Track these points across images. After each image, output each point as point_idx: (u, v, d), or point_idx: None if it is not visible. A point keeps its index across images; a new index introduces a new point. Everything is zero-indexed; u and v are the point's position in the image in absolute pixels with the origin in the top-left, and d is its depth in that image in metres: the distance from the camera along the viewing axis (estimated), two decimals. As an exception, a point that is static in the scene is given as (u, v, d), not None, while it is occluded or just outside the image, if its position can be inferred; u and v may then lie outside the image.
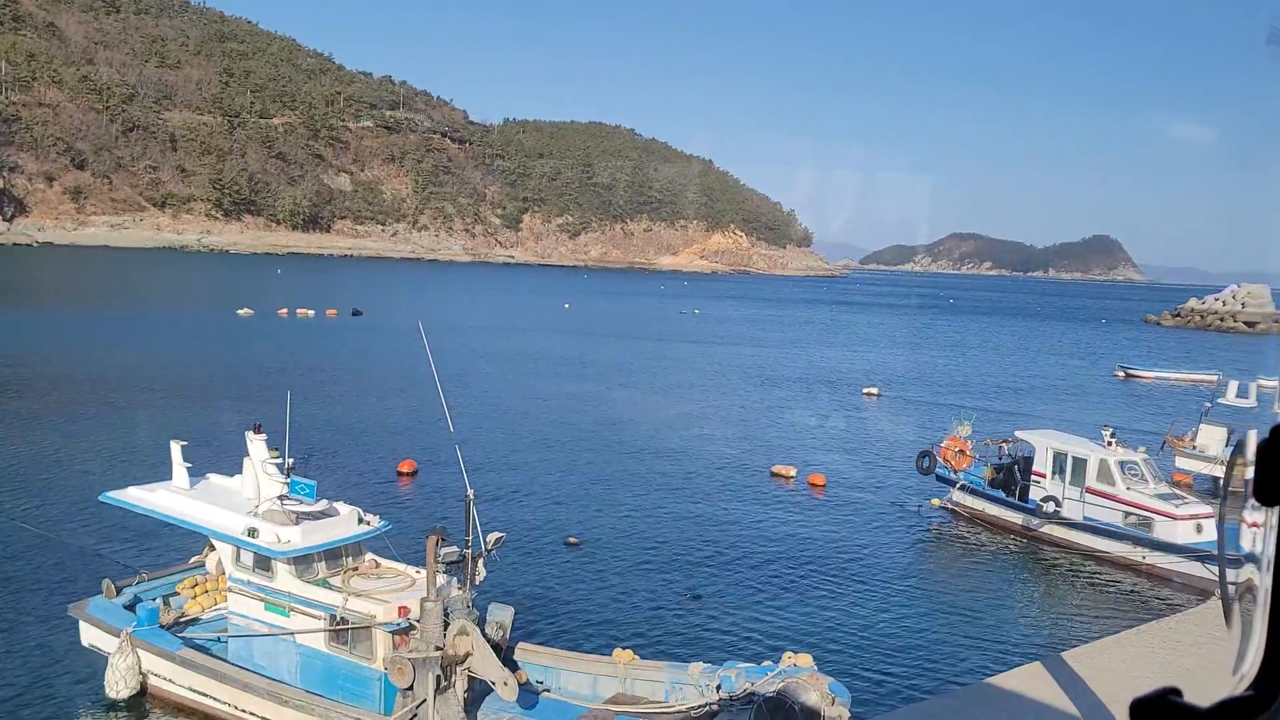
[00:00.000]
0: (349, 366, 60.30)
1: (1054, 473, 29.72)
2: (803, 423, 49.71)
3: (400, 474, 33.29)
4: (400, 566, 16.55)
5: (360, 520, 16.75)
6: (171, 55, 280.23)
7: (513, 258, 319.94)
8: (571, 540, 26.99)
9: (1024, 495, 30.63)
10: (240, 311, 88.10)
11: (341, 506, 16.88)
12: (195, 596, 18.34)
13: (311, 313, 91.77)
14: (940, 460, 33.18)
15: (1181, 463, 38.34)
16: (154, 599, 17.75)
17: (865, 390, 62.61)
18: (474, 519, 15.19)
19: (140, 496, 17.51)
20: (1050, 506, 29.21)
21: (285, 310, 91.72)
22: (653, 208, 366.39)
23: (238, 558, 16.23)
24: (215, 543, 17.22)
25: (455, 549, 14.84)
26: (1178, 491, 29.42)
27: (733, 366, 73.56)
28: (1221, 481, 35.59)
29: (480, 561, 15.50)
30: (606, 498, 32.35)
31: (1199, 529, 26.78)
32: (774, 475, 36.70)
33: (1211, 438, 38.51)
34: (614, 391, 56.68)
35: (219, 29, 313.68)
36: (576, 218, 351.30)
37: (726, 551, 27.03)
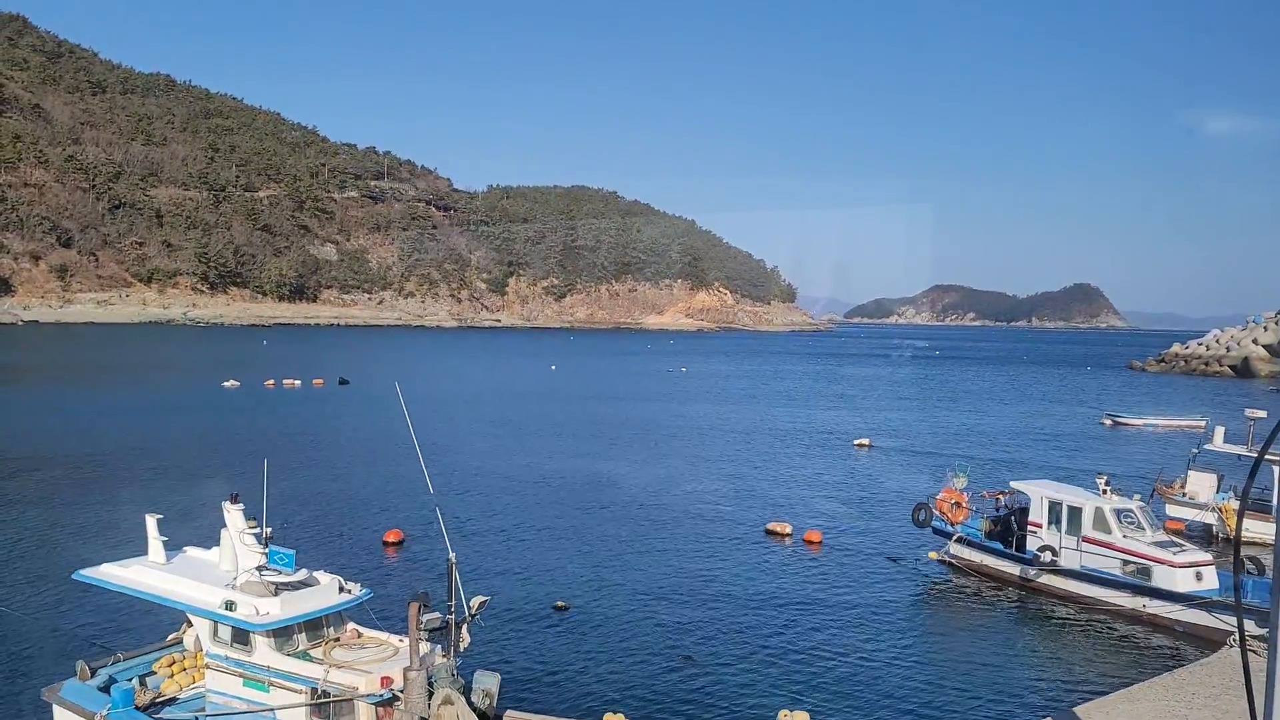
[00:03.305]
0: (334, 435, 59.80)
1: (1050, 523, 29.33)
2: (796, 477, 49.29)
3: (386, 543, 32.68)
4: (383, 635, 16.07)
5: (341, 589, 16.27)
6: (158, 133, 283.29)
7: (499, 321, 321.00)
8: (560, 604, 26.38)
9: (1021, 546, 30.19)
10: (226, 384, 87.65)
11: (321, 575, 16.42)
12: (173, 675, 17.71)
13: (298, 383, 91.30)
14: (936, 513, 32.74)
15: (1172, 510, 37.96)
16: (130, 679, 17.12)
17: (857, 442, 62.36)
18: (456, 583, 14.78)
19: (114, 573, 17.01)
20: (1047, 557, 28.79)
21: (271, 381, 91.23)
22: (637, 268, 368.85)
23: (215, 633, 15.71)
24: (192, 618, 16.70)
25: (438, 615, 14.44)
26: (1175, 539, 29.03)
27: (722, 423, 73.18)
28: (1228, 530, 35.31)
29: (464, 627, 15.08)
30: (596, 559, 31.76)
31: (1199, 576, 26.38)
32: (769, 533, 36.22)
33: (1201, 484, 38.16)
34: (602, 451, 56.22)
35: (204, 105, 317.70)
36: (561, 280, 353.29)
37: (721, 611, 26.47)
